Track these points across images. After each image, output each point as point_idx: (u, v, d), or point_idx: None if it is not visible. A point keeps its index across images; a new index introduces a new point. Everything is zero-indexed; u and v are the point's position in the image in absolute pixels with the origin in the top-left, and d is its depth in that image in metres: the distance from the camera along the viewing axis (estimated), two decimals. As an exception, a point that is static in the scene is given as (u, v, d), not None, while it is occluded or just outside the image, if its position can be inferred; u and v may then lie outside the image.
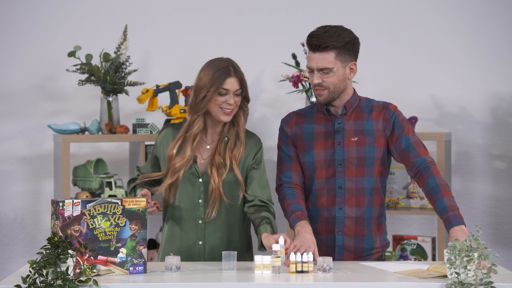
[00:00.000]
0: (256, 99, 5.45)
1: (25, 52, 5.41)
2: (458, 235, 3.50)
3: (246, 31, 5.44)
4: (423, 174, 3.73)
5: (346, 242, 3.82)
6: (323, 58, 3.75)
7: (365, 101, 3.91)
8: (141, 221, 3.45)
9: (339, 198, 3.82)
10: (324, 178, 3.84)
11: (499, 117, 5.39)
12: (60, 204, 3.32)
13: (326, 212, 3.83)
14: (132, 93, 5.14)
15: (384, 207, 3.91)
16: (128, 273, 3.43)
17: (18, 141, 5.42)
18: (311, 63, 3.78)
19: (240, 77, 3.81)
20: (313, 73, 3.79)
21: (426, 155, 3.79)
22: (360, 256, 3.83)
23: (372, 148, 3.82)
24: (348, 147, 3.82)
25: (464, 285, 3.14)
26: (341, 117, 3.86)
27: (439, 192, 3.66)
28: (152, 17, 5.45)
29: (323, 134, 3.86)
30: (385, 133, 3.84)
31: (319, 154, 3.85)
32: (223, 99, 3.79)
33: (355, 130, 3.84)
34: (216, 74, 3.79)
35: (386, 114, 3.86)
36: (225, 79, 3.78)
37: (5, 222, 5.41)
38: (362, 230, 3.83)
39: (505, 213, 5.40)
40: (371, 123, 3.84)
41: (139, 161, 4.99)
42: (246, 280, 3.32)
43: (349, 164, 3.81)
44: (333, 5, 5.42)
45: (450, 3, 5.41)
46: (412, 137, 3.83)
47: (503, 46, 5.39)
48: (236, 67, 3.83)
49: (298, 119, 3.94)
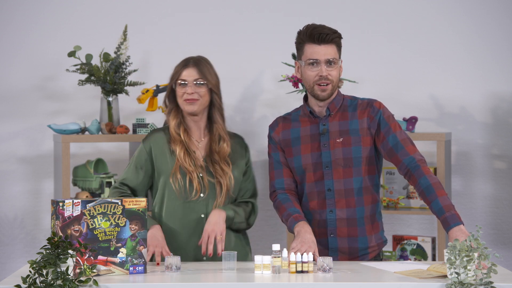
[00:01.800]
0: (256, 99, 5.45)
1: (25, 52, 5.41)
2: (458, 235, 3.49)
3: (246, 31, 5.44)
4: (414, 174, 3.70)
5: (339, 244, 3.81)
6: (328, 49, 3.74)
7: (350, 99, 3.88)
8: (141, 221, 3.46)
9: (329, 200, 3.81)
10: (313, 181, 3.82)
11: (499, 117, 5.39)
12: (60, 204, 3.32)
13: (318, 215, 3.82)
14: (132, 93, 5.14)
15: (377, 204, 3.87)
16: (128, 273, 3.43)
17: (18, 141, 5.42)
18: (316, 55, 3.73)
19: (200, 68, 3.90)
20: (316, 66, 3.74)
21: (414, 152, 3.74)
22: (355, 256, 3.83)
23: (358, 148, 3.79)
24: (334, 148, 3.80)
25: (464, 285, 3.14)
26: (325, 119, 3.83)
27: (432, 192, 3.62)
28: (152, 17, 5.45)
29: (309, 137, 3.85)
30: (371, 131, 3.80)
31: (306, 157, 3.83)
32: (183, 90, 3.88)
33: (340, 131, 3.81)
34: (176, 67, 3.95)
35: (370, 111, 3.82)
36: (182, 70, 3.91)
37: (5, 222, 5.40)
38: (354, 231, 3.81)
39: (505, 213, 5.40)
40: (356, 122, 3.81)
41: (139, 161, 4.98)
42: (246, 280, 3.32)
43: (336, 165, 3.79)
44: (333, 5, 5.42)
45: (450, 3, 5.41)
46: (400, 134, 3.78)
47: (503, 46, 5.38)
48: (198, 60, 3.94)
49: (284, 124, 3.93)
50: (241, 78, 5.45)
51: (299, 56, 3.81)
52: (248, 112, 5.43)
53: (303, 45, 3.77)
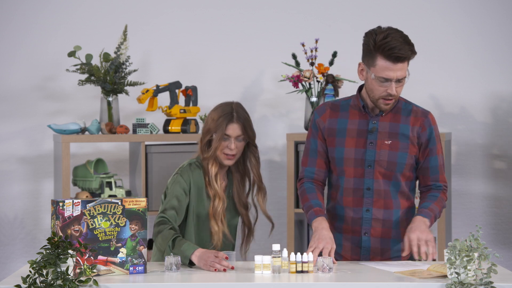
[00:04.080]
0: (256, 99, 5.45)
1: (25, 52, 5.41)
2: (418, 220, 3.68)
3: (246, 31, 5.44)
4: (432, 190, 3.81)
5: (372, 244, 3.78)
6: (402, 68, 3.64)
7: (404, 102, 3.82)
8: (141, 221, 3.46)
9: (367, 199, 3.76)
10: (352, 177, 3.77)
11: (499, 117, 5.39)
12: (60, 204, 3.32)
13: (352, 212, 3.78)
14: (132, 93, 5.14)
15: (412, 208, 3.85)
16: (128, 273, 3.43)
17: (18, 141, 5.42)
18: (391, 74, 3.62)
19: (242, 123, 3.91)
20: (387, 83, 3.64)
21: (444, 181, 3.82)
22: (388, 257, 3.80)
23: (404, 154, 3.75)
24: (380, 149, 3.74)
25: (464, 285, 3.14)
26: (376, 117, 3.76)
27: (433, 200, 3.77)
28: (152, 17, 5.45)
29: (356, 131, 3.77)
30: (419, 141, 3.77)
31: (349, 151, 3.77)
32: (225, 144, 3.89)
33: (390, 133, 3.75)
34: (219, 119, 3.91)
35: (424, 122, 3.78)
36: (227, 125, 3.89)
37: (5, 222, 5.41)
38: (389, 232, 3.78)
39: (505, 213, 5.40)
40: (407, 128, 3.76)
41: (139, 161, 4.98)
42: (246, 280, 3.32)
43: (378, 166, 3.74)
44: (333, 5, 5.42)
45: (450, 3, 5.41)
46: (441, 158, 3.80)
47: (503, 46, 5.39)
48: (241, 112, 3.94)
49: (332, 112, 3.83)
50: (241, 78, 5.45)
51: (368, 62, 3.68)
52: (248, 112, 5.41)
53: (375, 56, 3.64)
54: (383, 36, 3.61)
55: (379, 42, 3.61)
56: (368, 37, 3.67)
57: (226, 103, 3.97)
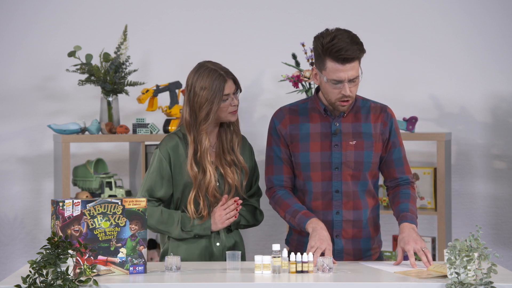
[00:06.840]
0: (256, 99, 5.45)
1: (25, 52, 5.42)
2: (407, 228, 3.64)
3: (246, 31, 5.44)
4: (401, 187, 3.82)
5: (344, 245, 3.80)
6: (352, 68, 3.62)
7: (361, 100, 3.83)
8: (141, 221, 3.46)
9: (336, 201, 3.77)
10: (320, 181, 3.77)
11: (499, 117, 5.39)
12: (60, 204, 3.32)
13: (322, 216, 3.76)
14: (132, 93, 5.14)
15: (377, 206, 3.88)
16: (128, 273, 3.43)
17: (18, 141, 5.42)
18: (341, 75, 3.61)
19: (232, 76, 3.84)
20: (340, 85, 3.63)
21: (409, 174, 3.85)
22: (359, 258, 3.82)
23: (369, 153, 3.77)
24: (346, 150, 3.75)
25: (464, 285, 3.15)
26: (338, 118, 3.77)
27: (408, 198, 3.77)
28: (152, 17, 5.45)
29: (319, 135, 3.77)
30: (383, 137, 3.80)
31: (315, 156, 3.77)
32: (227, 103, 3.81)
33: (353, 133, 3.76)
34: (213, 85, 3.80)
35: (384, 117, 3.80)
36: (224, 87, 3.80)
37: (5, 222, 5.41)
38: (359, 232, 3.80)
39: (505, 213, 5.40)
40: (369, 126, 3.78)
41: (139, 161, 4.98)
42: (246, 280, 3.32)
43: (346, 167, 3.75)
44: (333, 5, 5.42)
45: (450, 3, 5.41)
46: (403, 150, 3.84)
47: (503, 46, 5.39)
48: (220, 66, 3.84)
49: (292, 117, 3.82)
50: (241, 78, 5.42)
51: (319, 66, 3.66)
52: (248, 112, 5.43)
53: (324, 59, 3.62)
54: (330, 39, 3.60)
55: (326, 45, 3.60)
56: (316, 41, 3.66)
57: (200, 65, 3.85)
